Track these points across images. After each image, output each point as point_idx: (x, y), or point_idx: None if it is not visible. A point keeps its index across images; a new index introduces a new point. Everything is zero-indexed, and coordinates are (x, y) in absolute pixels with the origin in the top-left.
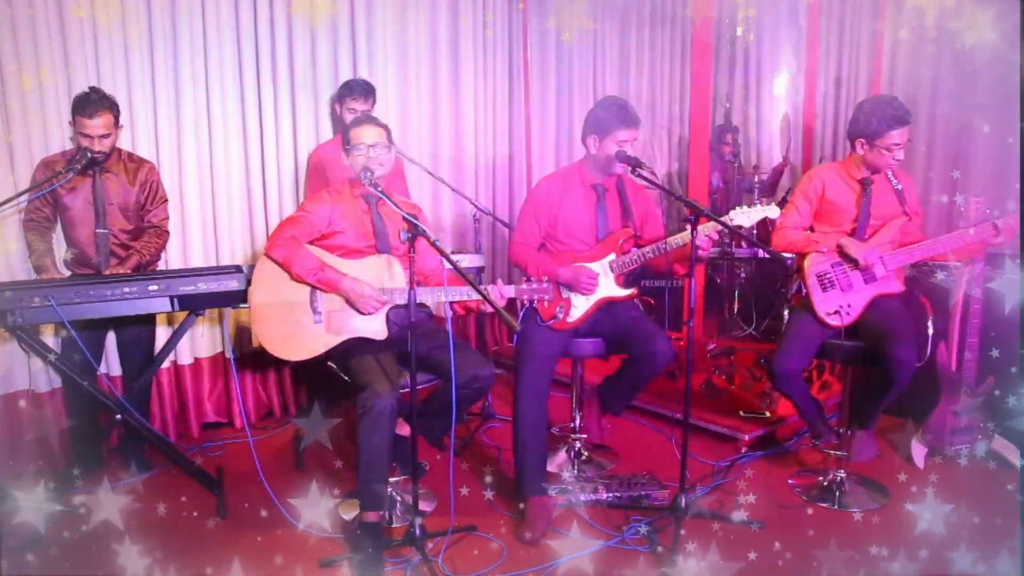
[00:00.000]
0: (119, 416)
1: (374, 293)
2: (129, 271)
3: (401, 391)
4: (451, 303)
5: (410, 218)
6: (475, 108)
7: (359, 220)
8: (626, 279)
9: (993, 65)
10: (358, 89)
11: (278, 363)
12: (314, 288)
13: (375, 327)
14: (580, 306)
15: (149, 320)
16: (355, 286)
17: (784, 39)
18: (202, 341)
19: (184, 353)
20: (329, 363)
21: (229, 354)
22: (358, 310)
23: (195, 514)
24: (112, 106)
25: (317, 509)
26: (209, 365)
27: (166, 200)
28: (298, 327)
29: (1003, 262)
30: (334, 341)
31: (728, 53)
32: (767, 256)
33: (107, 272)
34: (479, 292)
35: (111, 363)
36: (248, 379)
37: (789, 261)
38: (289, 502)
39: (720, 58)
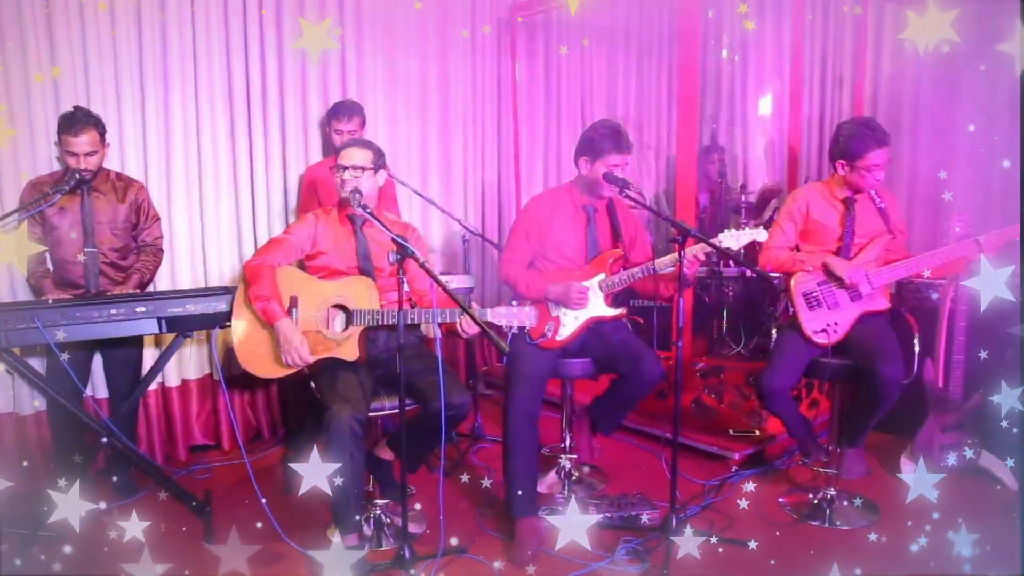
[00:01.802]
0: (105, 439)
1: (301, 348)
2: (133, 290)
3: (377, 414)
4: (439, 324)
5: (398, 239)
6: (464, 130)
7: (343, 241)
8: (615, 299)
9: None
10: (343, 110)
11: (267, 384)
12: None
13: (347, 349)
14: (569, 325)
15: (136, 342)
16: (287, 332)
17: (768, 62)
18: (190, 363)
19: (172, 375)
20: (312, 383)
21: (218, 375)
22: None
23: (182, 538)
24: (97, 123)
25: (306, 531)
26: (197, 387)
27: (158, 218)
28: (272, 346)
29: (978, 259)
30: (308, 360)
31: (714, 75)
32: (755, 275)
33: (112, 292)
34: (468, 313)
35: (97, 385)
36: (236, 401)
37: (776, 280)
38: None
39: (706, 79)
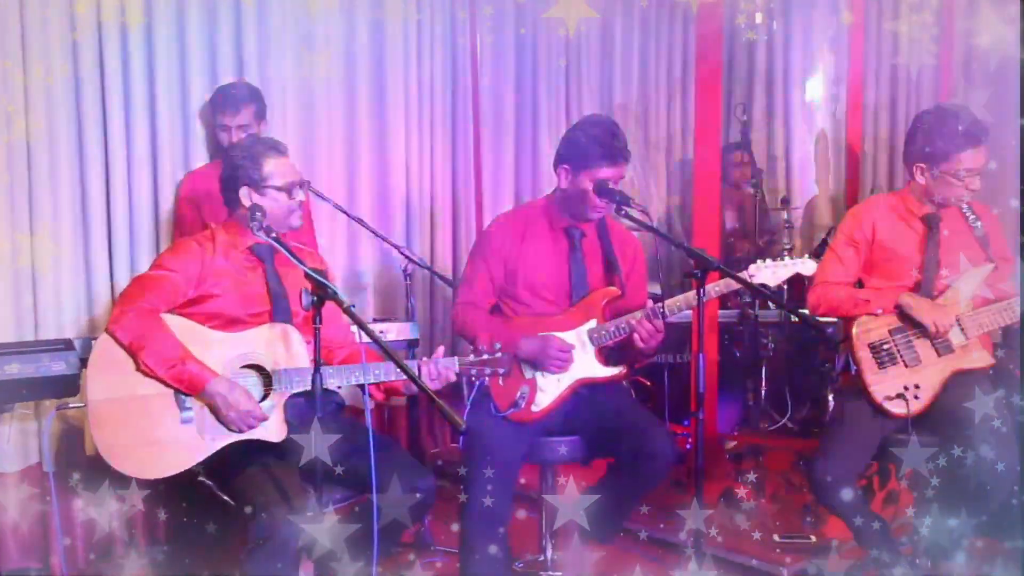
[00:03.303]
0: None
1: (249, 406)
2: None
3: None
4: (368, 386)
5: (315, 275)
6: (406, 125)
7: (244, 280)
8: (610, 354)
9: None
10: (229, 100)
11: (123, 478)
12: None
13: (269, 426)
14: (549, 390)
15: None
16: (225, 392)
17: (819, 31)
18: (8, 448)
19: None
20: (201, 479)
21: (49, 467)
22: (223, 424)
23: None
24: None
25: None
26: (18, 482)
27: None
28: (159, 430)
29: None
30: (211, 448)
31: (744, 49)
32: (801, 321)
33: None
34: (408, 375)
35: None
36: (76, 502)
37: (831, 329)
38: None
39: (734, 55)
